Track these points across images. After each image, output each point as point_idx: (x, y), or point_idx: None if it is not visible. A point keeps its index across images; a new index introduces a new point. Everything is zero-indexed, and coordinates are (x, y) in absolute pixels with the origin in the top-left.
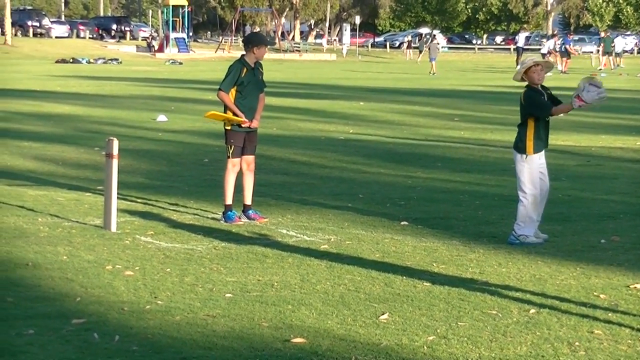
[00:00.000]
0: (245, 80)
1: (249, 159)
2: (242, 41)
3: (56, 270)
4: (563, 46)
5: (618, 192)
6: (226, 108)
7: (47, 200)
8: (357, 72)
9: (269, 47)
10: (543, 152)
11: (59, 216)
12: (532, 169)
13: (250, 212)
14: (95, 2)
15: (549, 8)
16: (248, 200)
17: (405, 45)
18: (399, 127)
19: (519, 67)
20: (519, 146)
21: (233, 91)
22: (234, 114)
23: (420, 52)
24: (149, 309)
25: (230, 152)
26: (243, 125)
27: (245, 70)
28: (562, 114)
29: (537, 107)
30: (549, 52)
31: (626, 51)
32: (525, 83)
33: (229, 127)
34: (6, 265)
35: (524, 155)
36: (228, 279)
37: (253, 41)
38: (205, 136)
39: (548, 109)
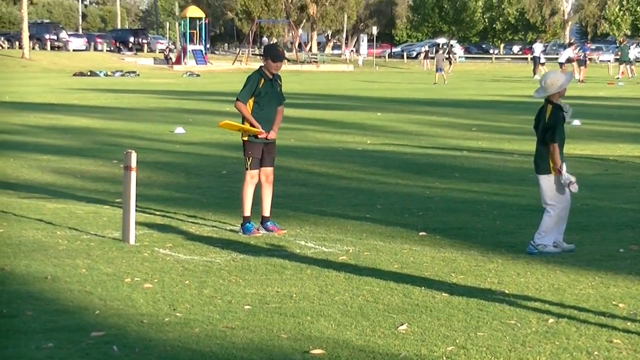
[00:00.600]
0: (263, 91)
1: (268, 170)
2: (262, 52)
3: (75, 283)
4: (582, 55)
5: (636, 201)
6: (243, 119)
7: (65, 213)
8: (374, 83)
9: (285, 60)
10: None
11: (78, 229)
12: (558, 184)
13: (268, 223)
14: (113, 15)
15: (566, 17)
16: (266, 212)
17: (422, 55)
18: (416, 138)
19: (552, 85)
20: (542, 166)
21: (250, 102)
22: (251, 125)
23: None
24: (168, 321)
25: (249, 163)
26: (259, 137)
27: (263, 81)
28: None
29: (556, 133)
30: (569, 60)
31: (638, 60)
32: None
33: (246, 139)
34: (25, 279)
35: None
36: (247, 290)
37: (270, 53)
38: (223, 148)
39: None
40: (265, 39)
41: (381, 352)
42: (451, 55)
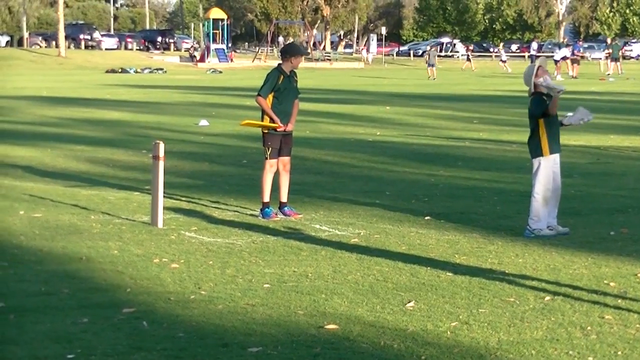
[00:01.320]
0: (282, 87)
1: (285, 160)
2: (280, 51)
3: (108, 263)
4: (572, 52)
5: (627, 187)
6: (263, 113)
7: (99, 199)
8: (383, 79)
9: (306, 56)
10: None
11: (110, 214)
12: (547, 169)
13: (285, 208)
14: (142, 16)
15: (560, 18)
16: (284, 197)
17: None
18: (422, 129)
19: (548, 82)
20: (530, 149)
21: (270, 97)
22: (271, 119)
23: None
24: (193, 299)
25: (268, 153)
26: (278, 130)
27: (282, 77)
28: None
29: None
30: (563, 59)
31: (632, 57)
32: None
33: (266, 131)
34: (62, 259)
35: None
36: (266, 270)
37: (290, 51)
38: (244, 139)
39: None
40: (280, 38)
41: (390, 327)
42: (469, 54)
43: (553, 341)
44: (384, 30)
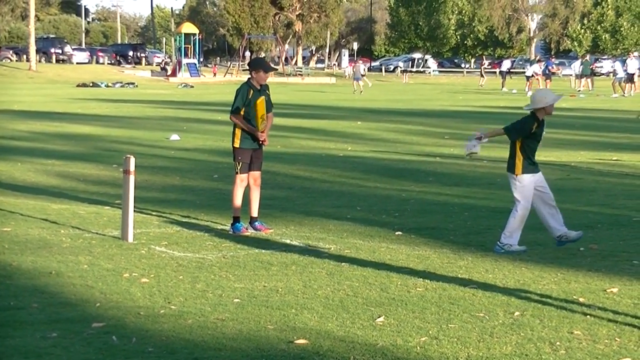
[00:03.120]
0: (252, 101)
1: (256, 174)
2: (248, 65)
3: (77, 278)
4: (546, 68)
5: (596, 203)
6: (235, 128)
7: (69, 213)
8: (355, 94)
9: (273, 72)
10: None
11: (80, 228)
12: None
13: (256, 223)
14: (114, 30)
15: (531, 34)
16: (254, 212)
17: (399, 69)
18: (393, 145)
19: (539, 101)
20: (510, 165)
21: (242, 112)
22: (249, 131)
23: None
24: (163, 313)
25: (239, 168)
26: (260, 139)
27: (251, 92)
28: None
29: (514, 126)
30: (533, 75)
31: (602, 74)
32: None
33: (237, 145)
34: (31, 274)
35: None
36: (236, 285)
37: (253, 66)
38: (215, 154)
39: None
40: (247, 53)
41: (360, 342)
42: (482, 69)
43: (522, 356)
44: (355, 46)
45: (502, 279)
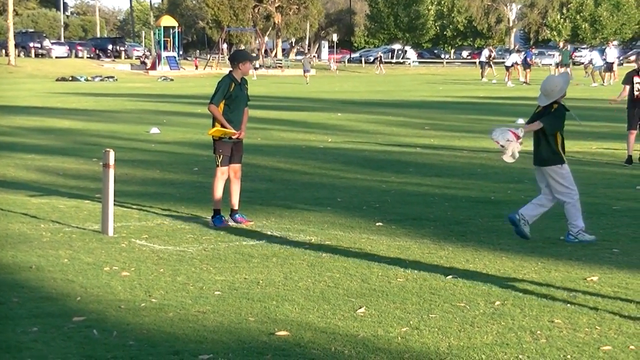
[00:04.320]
0: (234, 95)
1: (236, 167)
2: (229, 58)
3: (58, 272)
4: (525, 59)
5: None
6: (214, 120)
7: (49, 207)
8: (334, 86)
9: (254, 61)
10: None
11: (60, 222)
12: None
13: (237, 215)
14: (93, 24)
15: (510, 24)
16: (235, 205)
17: (377, 60)
18: (374, 136)
19: (553, 91)
20: (549, 158)
21: (221, 105)
22: (222, 126)
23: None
24: (144, 307)
25: (219, 161)
26: (233, 137)
27: (233, 85)
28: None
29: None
30: (513, 65)
31: (582, 63)
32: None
33: (217, 138)
34: (11, 268)
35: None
36: (217, 277)
37: (238, 58)
38: (195, 147)
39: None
40: (224, 45)
41: (341, 333)
42: (490, 61)
43: (503, 345)
44: (335, 37)
45: (483, 269)
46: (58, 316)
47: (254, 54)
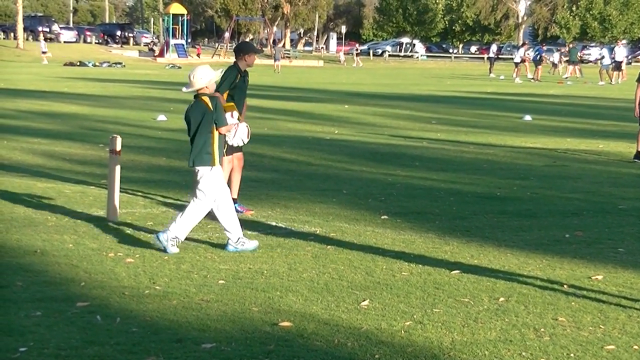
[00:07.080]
0: (238, 85)
1: (239, 155)
2: (234, 49)
3: (62, 257)
4: (538, 55)
5: (581, 191)
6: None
7: (54, 192)
8: (342, 77)
9: (259, 54)
10: None
11: (66, 207)
12: None
13: (236, 205)
14: (102, 10)
15: (519, 20)
16: (234, 194)
17: (386, 53)
18: (380, 129)
19: (200, 79)
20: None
21: (225, 95)
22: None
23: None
24: (148, 294)
25: (224, 150)
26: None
27: (238, 76)
28: None
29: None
30: (522, 60)
31: (590, 61)
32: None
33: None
34: (16, 252)
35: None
36: (221, 266)
37: (244, 50)
38: None
39: None
40: (227, 34)
41: (344, 325)
42: (562, 57)
43: (506, 342)
44: (343, 29)
45: (487, 265)
46: (62, 301)
47: (262, 44)
